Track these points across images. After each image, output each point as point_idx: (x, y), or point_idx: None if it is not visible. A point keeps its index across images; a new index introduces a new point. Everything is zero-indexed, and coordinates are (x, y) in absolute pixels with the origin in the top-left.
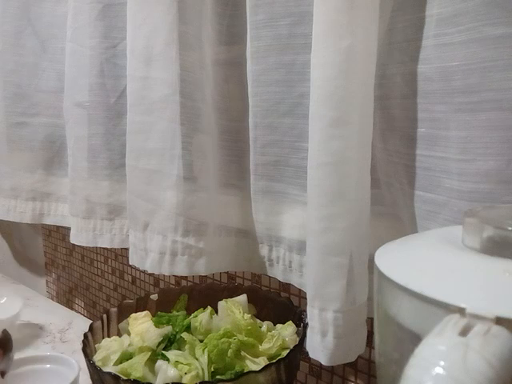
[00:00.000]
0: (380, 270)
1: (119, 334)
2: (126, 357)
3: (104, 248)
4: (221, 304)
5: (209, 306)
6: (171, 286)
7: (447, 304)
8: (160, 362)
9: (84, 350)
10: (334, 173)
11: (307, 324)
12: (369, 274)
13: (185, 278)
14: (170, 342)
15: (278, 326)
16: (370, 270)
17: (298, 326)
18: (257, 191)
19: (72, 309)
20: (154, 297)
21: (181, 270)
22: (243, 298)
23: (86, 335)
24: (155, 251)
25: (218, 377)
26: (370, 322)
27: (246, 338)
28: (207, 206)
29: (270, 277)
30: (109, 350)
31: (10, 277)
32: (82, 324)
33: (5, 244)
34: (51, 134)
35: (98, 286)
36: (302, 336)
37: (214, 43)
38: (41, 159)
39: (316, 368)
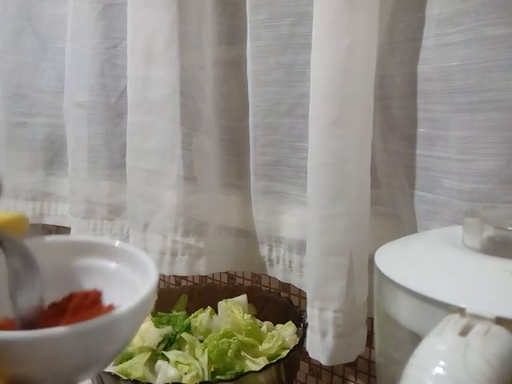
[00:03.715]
0: (380, 269)
1: None
2: (126, 357)
3: None
4: (221, 304)
5: (209, 306)
6: (171, 286)
7: (447, 304)
8: (160, 362)
9: None
10: (334, 173)
11: (307, 324)
12: (369, 273)
13: (185, 277)
14: (170, 342)
15: (278, 326)
16: (370, 269)
17: (298, 326)
18: (257, 191)
19: None
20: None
21: (181, 270)
22: (243, 298)
23: None
24: (155, 251)
25: (218, 377)
26: (370, 321)
27: (246, 338)
28: (207, 206)
29: (270, 277)
30: None
31: None
32: None
33: None
34: (51, 134)
35: None
36: (302, 336)
37: (214, 43)
38: (41, 159)
39: (316, 368)
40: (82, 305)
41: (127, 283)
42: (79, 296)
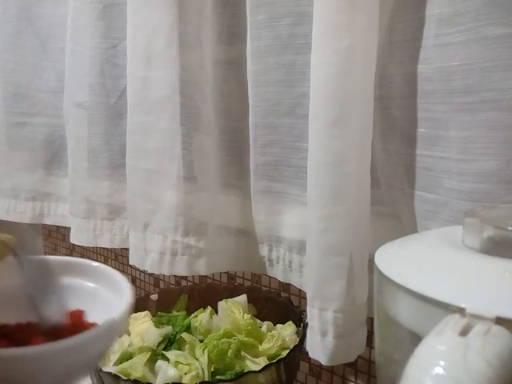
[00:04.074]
0: (380, 269)
1: None
2: (126, 357)
3: (104, 248)
4: (221, 304)
5: (209, 306)
6: (171, 286)
7: (447, 304)
8: (160, 362)
9: None
10: (334, 173)
11: (307, 324)
12: (369, 273)
13: (185, 278)
14: (170, 342)
15: (278, 326)
16: (370, 269)
17: (298, 326)
18: (257, 191)
19: None
20: (154, 297)
21: (181, 270)
22: (243, 298)
23: None
24: (155, 251)
25: (218, 377)
26: (370, 321)
27: (246, 338)
28: (207, 206)
29: (270, 277)
30: None
31: None
32: None
33: None
34: (51, 134)
35: None
36: (302, 336)
37: (214, 43)
38: (41, 159)
39: (316, 368)
40: (66, 323)
41: (105, 302)
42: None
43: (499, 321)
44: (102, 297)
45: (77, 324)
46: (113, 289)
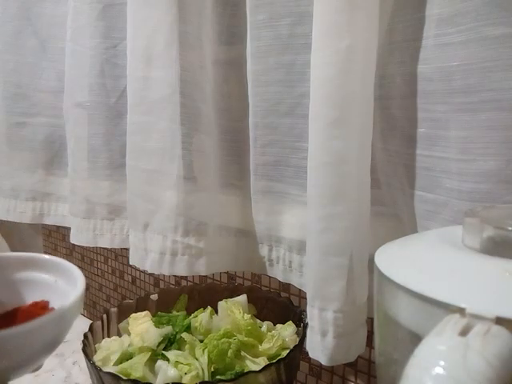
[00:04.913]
0: (380, 269)
1: (119, 334)
2: (125, 357)
3: (104, 248)
4: (221, 304)
5: (209, 306)
6: (171, 286)
7: (447, 304)
8: (160, 362)
9: (84, 350)
10: (334, 173)
11: (307, 324)
12: (369, 273)
13: (185, 277)
14: (170, 342)
15: (278, 326)
16: (370, 269)
17: (298, 326)
18: (257, 191)
19: None
20: (154, 297)
21: (181, 270)
22: (243, 298)
23: (85, 335)
24: (155, 251)
25: (218, 377)
26: (370, 321)
27: (246, 338)
28: (207, 205)
29: (270, 277)
30: (109, 349)
31: None
32: (82, 324)
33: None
34: (51, 134)
35: (98, 286)
36: (302, 336)
37: (214, 43)
38: (41, 159)
39: (316, 368)
40: (32, 312)
41: (65, 293)
42: (27, 306)
43: (499, 321)
44: (62, 288)
45: (44, 313)
46: (70, 281)
